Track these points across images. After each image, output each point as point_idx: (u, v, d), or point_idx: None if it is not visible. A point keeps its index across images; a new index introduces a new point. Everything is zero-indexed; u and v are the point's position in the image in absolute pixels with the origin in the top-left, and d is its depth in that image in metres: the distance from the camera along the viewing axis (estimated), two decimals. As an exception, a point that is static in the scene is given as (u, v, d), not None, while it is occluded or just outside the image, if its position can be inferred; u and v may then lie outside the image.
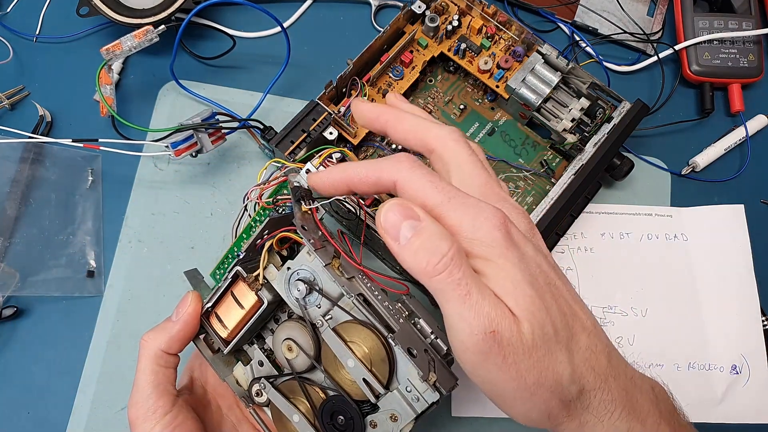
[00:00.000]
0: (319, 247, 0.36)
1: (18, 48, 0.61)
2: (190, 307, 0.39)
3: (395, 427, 0.34)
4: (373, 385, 0.34)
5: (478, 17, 0.58)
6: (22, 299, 0.53)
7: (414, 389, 0.34)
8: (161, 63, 0.61)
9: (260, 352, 0.40)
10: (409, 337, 0.35)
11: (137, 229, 0.56)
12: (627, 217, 0.58)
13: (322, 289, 0.36)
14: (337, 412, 0.36)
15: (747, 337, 0.55)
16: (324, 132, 0.52)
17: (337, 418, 0.36)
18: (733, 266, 0.57)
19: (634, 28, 0.64)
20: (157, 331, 0.39)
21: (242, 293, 0.38)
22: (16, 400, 0.51)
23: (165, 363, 0.39)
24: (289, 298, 0.37)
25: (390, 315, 0.35)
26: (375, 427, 0.35)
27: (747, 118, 0.62)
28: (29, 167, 0.55)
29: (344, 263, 0.37)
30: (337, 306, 0.36)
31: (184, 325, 0.39)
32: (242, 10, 0.63)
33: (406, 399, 0.34)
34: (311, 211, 0.38)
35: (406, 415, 0.34)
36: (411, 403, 0.34)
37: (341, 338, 0.35)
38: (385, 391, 0.34)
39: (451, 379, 0.35)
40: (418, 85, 0.60)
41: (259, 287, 0.38)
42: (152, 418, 0.37)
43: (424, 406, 0.34)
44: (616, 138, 0.52)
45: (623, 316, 0.55)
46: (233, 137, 0.58)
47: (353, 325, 0.35)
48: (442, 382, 0.34)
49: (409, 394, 0.34)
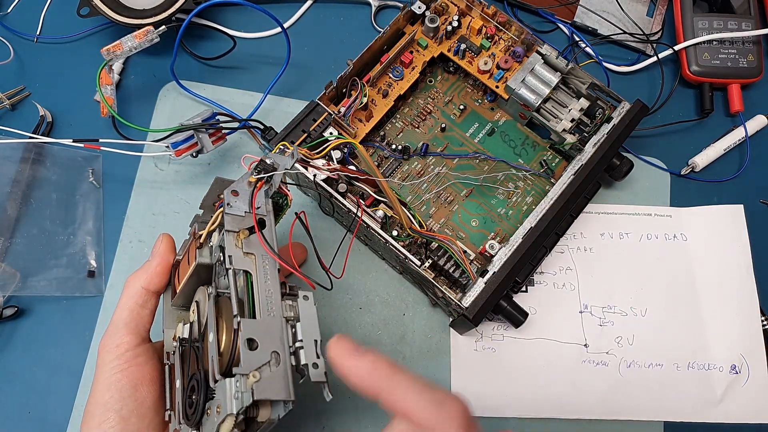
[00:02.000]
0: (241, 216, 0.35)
1: (19, 48, 0.61)
2: (162, 244, 0.42)
3: (215, 421, 0.31)
4: (215, 366, 0.31)
5: (477, 18, 0.58)
6: (23, 299, 0.54)
7: (241, 384, 0.30)
8: (162, 63, 0.61)
9: (193, 314, 0.39)
10: (267, 333, 0.32)
11: (138, 229, 0.56)
12: (626, 217, 0.58)
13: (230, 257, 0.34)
14: (194, 388, 0.34)
15: (746, 337, 0.55)
16: (324, 132, 0.52)
17: (192, 395, 0.34)
18: (732, 266, 0.57)
19: (634, 28, 0.64)
20: (139, 271, 0.41)
21: (193, 250, 0.39)
22: (17, 400, 0.51)
23: (143, 303, 0.40)
24: (212, 261, 0.37)
25: (263, 304, 0.32)
26: (208, 415, 0.32)
27: (746, 118, 0.62)
28: (30, 167, 0.55)
29: (253, 240, 0.35)
30: (225, 277, 0.34)
31: (160, 259, 0.41)
32: (242, 11, 0.63)
33: (231, 393, 0.30)
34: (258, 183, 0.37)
35: (224, 410, 0.30)
36: (233, 398, 0.30)
37: (217, 311, 0.33)
38: (220, 377, 0.31)
39: (283, 391, 0.31)
40: (418, 85, 0.60)
41: (198, 245, 0.38)
42: (115, 351, 0.39)
43: (238, 407, 0.30)
44: (615, 138, 0.53)
45: (623, 316, 0.55)
46: (234, 137, 0.58)
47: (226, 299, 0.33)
48: (266, 388, 0.30)
49: (236, 390, 0.30)
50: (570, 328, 0.55)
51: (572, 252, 0.57)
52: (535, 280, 0.56)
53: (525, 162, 0.58)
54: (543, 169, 0.58)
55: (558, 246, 0.55)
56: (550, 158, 0.58)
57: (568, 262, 0.57)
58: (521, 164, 0.58)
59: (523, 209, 0.56)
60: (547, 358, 0.54)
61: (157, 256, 0.41)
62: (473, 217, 0.56)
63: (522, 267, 0.49)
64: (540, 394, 0.53)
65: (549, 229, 0.50)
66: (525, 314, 0.50)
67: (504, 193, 0.57)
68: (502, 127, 0.59)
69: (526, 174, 0.58)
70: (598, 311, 0.55)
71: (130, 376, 0.38)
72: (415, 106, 0.59)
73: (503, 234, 0.55)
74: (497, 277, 0.48)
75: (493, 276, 0.48)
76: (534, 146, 0.59)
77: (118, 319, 0.40)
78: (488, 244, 0.51)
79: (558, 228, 0.52)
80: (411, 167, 0.57)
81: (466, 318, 0.47)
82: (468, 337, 0.54)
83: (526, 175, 0.58)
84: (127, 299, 0.40)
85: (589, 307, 0.56)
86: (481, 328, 0.54)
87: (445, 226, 0.55)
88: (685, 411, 0.53)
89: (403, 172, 0.57)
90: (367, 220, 0.49)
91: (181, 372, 0.37)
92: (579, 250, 0.57)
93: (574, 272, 0.56)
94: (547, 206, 0.50)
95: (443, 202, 0.56)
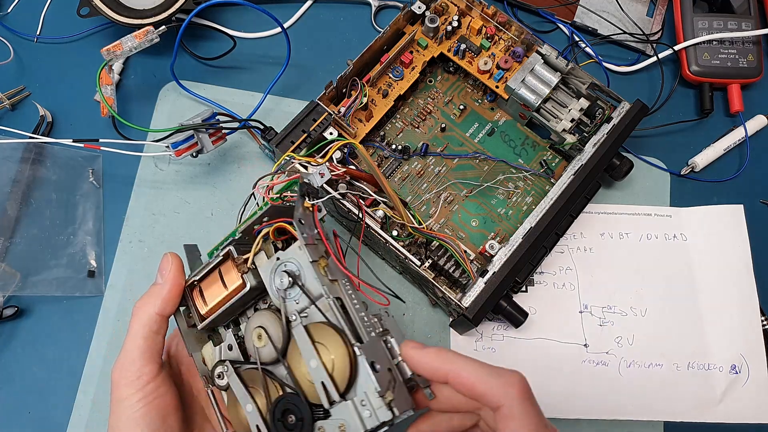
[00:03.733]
0: (312, 243, 0.36)
1: (19, 48, 0.61)
2: (173, 266, 0.40)
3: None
4: (330, 390, 0.34)
5: (477, 18, 0.58)
6: (23, 299, 0.54)
7: (369, 404, 0.33)
8: (162, 63, 0.61)
9: (232, 336, 0.40)
10: (376, 352, 0.34)
11: (138, 229, 0.56)
12: (626, 217, 0.58)
13: (304, 285, 0.36)
14: (290, 410, 0.35)
15: (746, 336, 0.55)
16: (324, 132, 0.52)
17: (288, 417, 0.35)
18: (732, 266, 0.57)
19: (634, 28, 0.64)
20: (148, 296, 0.39)
21: (229, 273, 0.38)
22: (17, 399, 0.52)
23: (157, 329, 0.39)
24: (271, 287, 0.37)
25: (363, 325, 0.35)
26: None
27: (746, 118, 0.62)
28: (30, 167, 0.55)
29: (332, 266, 0.37)
30: (315, 305, 0.36)
31: (172, 283, 0.39)
32: (243, 11, 0.63)
33: (359, 412, 0.33)
34: (313, 208, 0.38)
35: (355, 428, 0.33)
36: (363, 417, 0.33)
37: (310, 337, 0.35)
38: (340, 399, 0.34)
39: (408, 403, 0.34)
40: (418, 85, 0.60)
41: (245, 270, 0.38)
42: (136, 383, 0.37)
43: (374, 423, 0.33)
44: (615, 138, 0.53)
45: (623, 315, 0.55)
46: (233, 137, 0.58)
47: (325, 328, 0.35)
48: (398, 403, 0.33)
49: (363, 408, 0.33)
50: (570, 328, 0.55)
51: (572, 252, 0.57)
52: (535, 280, 0.56)
53: (525, 162, 0.58)
54: (543, 169, 0.58)
55: (558, 246, 0.55)
56: (550, 158, 0.58)
57: (568, 262, 0.57)
58: (521, 164, 0.58)
59: (523, 209, 0.56)
60: (547, 358, 0.54)
61: (168, 281, 0.39)
62: (473, 217, 0.56)
63: (522, 267, 0.49)
64: (540, 394, 0.53)
65: (549, 229, 0.50)
66: (525, 314, 0.50)
67: (504, 193, 0.57)
68: (502, 127, 0.59)
69: (526, 174, 0.58)
70: (598, 311, 0.55)
71: (158, 408, 0.37)
72: (415, 106, 0.59)
73: (503, 234, 0.55)
74: (497, 277, 0.48)
75: (493, 276, 0.48)
76: (534, 146, 0.59)
77: (133, 348, 0.38)
78: (488, 244, 0.51)
79: (558, 228, 0.52)
80: (411, 167, 0.57)
81: (466, 318, 0.47)
82: (468, 337, 0.54)
83: (526, 175, 0.58)
84: (140, 327, 0.38)
85: (589, 307, 0.56)
86: (481, 328, 0.54)
87: (445, 226, 0.55)
88: (685, 411, 0.53)
89: (403, 172, 0.57)
90: (367, 220, 0.49)
91: (248, 395, 0.37)
92: (579, 250, 0.57)
93: (574, 272, 0.56)
94: (547, 206, 0.51)
95: (443, 202, 0.56)
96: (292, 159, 0.47)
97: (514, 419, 0.33)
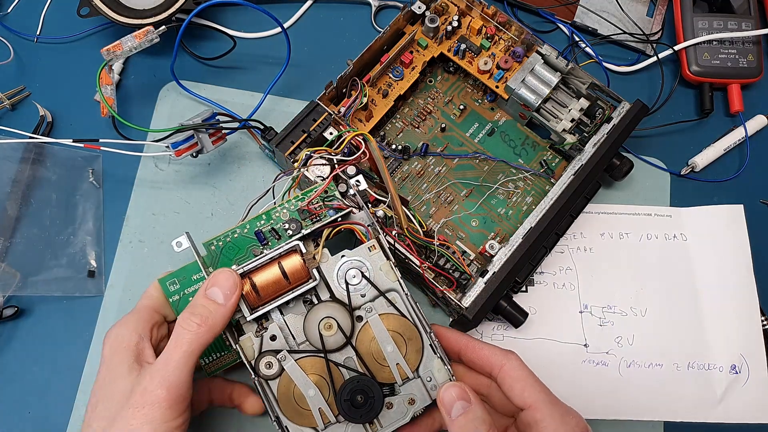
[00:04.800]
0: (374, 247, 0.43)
1: (19, 48, 0.61)
2: (239, 290, 0.39)
3: (411, 409, 0.41)
4: (405, 369, 0.41)
5: (477, 18, 0.58)
6: (23, 299, 0.54)
7: (434, 379, 0.42)
8: (162, 63, 0.61)
9: (276, 326, 0.41)
10: (432, 336, 0.42)
11: (138, 229, 0.56)
12: (626, 217, 0.58)
13: (372, 280, 0.42)
14: (358, 390, 0.40)
15: (746, 337, 0.55)
16: (324, 132, 0.52)
17: (357, 397, 0.40)
18: (732, 266, 0.57)
19: (634, 28, 0.64)
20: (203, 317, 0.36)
21: (293, 267, 0.41)
22: (17, 399, 0.52)
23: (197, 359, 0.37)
24: (334, 281, 0.42)
25: (422, 315, 0.42)
26: (390, 408, 0.41)
27: (746, 118, 0.62)
28: (30, 167, 0.55)
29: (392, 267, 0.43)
30: (384, 297, 0.42)
31: (231, 310, 0.38)
32: (243, 11, 0.63)
33: (426, 386, 0.42)
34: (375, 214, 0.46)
35: (423, 400, 0.41)
36: (429, 390, 0.41)
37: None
38: (414, 375, 0.41)
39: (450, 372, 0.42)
40: (418, 85, 0.60)
41: (316, 265, 0.42)
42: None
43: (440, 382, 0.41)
44: (615, 138, 0.53)
45: (623, 315, 0.55)
46: (234, 137, 0.58)
47: (391, 316, 0.42)
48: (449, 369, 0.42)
49: (429, 384, 0.42)
50: (570, 328, 0.55)
51: (572, 252, 0.57)
52: (535, 280, 0.56)
53: (525, 162, 0.58)
54: (543, 169, 0.58)
55: (558, 246, 0.55)
56: (550, 158, 0.58)
57: (568, 262, 0.57)
58: (521, 164, 0.58)
59: (523, 209, 0.56)
60: (547, 358, 0.54)
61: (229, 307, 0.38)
62: (473, 217, 0.56)
63: (522, 267, 0.49)
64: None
65: (549, 229, 0.50)
66: (525, 314, 0.50)
67: (504, 193, 0.57)
68: (502, 127, 0.59)
69: (526, 174, 0.58)
70: (598, 311, 0.55)
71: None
72: (415, 106, 0.59)
73: (503, 234, 0.55)
74: (497, 277, 0.48)
75: (492, 276, 0.48)
76: (534, 146, 0.59)
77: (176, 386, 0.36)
78: (488, 244, 0.51)
79: (558, 228, 0.52)
80: (411, 167, 0.57)
81: (466, 318, 0.47)
82: (468, 337, 0.54)
83: (526, 175, 0.58)
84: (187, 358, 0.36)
85: (589, 307, 0.56)
86: (481, 328, 0.54)
87: (445, 226, 0.55)
88: (685, 411, 0.53)
89: (403, 172, 0.57)
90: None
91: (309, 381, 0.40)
92: (579, 250, 0.57)
93: (574, 272, 0.56)
94: (547, 206, 0.51)
95: (443, 202, 0.56)
96: (312, 154, 0.48)
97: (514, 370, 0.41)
